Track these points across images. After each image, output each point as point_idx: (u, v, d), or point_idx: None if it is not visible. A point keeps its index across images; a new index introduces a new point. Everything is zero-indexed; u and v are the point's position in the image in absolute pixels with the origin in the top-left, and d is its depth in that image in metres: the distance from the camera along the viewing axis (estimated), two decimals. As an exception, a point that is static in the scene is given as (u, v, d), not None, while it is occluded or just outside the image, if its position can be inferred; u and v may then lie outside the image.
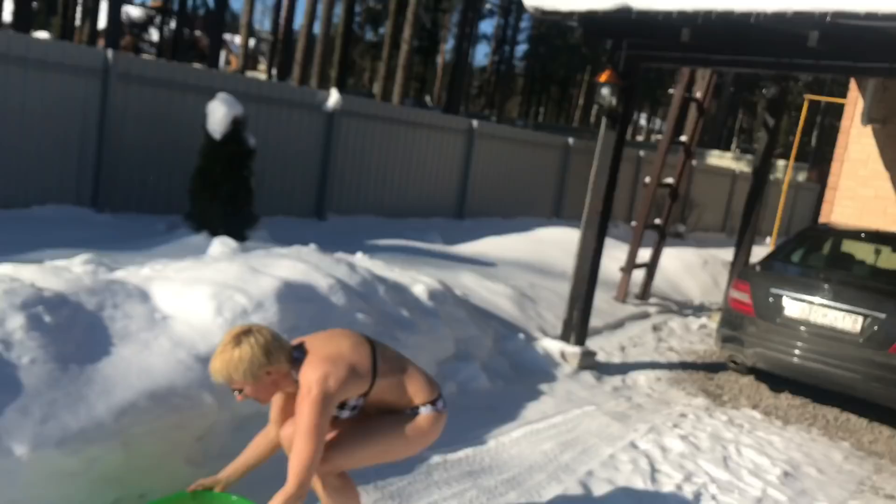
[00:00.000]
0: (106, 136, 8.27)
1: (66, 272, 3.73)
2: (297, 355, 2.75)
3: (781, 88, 8.98)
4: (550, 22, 7.08)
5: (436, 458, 4.05)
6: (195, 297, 3.88)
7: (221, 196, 7.61)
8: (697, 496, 4.16)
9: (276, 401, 2.92)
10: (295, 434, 2.62)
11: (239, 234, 7.65)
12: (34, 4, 29.16)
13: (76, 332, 3.25)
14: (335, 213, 11.10)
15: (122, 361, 3.24)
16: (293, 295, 4.25)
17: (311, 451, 2.57)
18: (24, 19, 26.13)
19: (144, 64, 8.78)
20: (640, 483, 4.19)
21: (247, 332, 2.67)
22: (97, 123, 8.21)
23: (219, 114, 7.56)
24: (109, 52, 8.24)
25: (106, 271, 4.29)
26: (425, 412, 2.93)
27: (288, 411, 2.88)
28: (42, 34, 8.17)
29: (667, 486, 4.20)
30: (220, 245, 6.14)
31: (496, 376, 5.58)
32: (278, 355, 2.67)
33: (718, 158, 29.60)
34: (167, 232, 7.79)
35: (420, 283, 5.87)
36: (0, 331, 3.00)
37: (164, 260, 5.34)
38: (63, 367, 3.03)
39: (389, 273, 5.92)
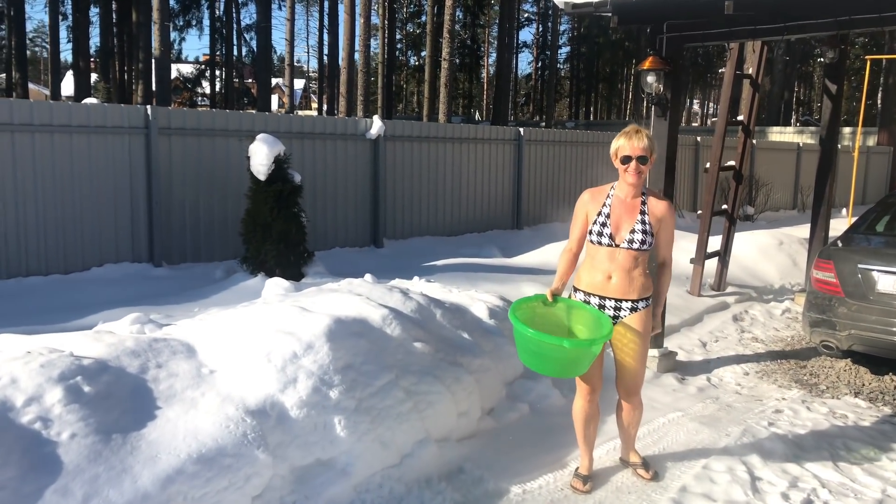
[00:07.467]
0: (155, 190, 8.30)
1: (108, 336, 3.62)
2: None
3: (840, 51, 8.44)
4: (584, 15, 6.77)
5: (515, 490, 3.78)
6: (242, 346, 3.72)
7: (273, 236, 7.53)
8: None
9: (579, 224, 4.11)
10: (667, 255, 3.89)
11: (295, 273, 7.56)
12: (92, 77, 30.29)
13: (118, 400, 3.11)
14: (391, 239, 10.97)
15: (167, 424, 3.08)
16: (345, 331, 4.05)
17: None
18: (84, 91, 27.19)
19: (183, 115, 8.79)
20: (740, 495, 3.80)
21: None
22: (145, 178, 8.26)
23: (261, 154, 7.50)
24: (148, 108, 8.29)
25: (154, 328, 4.19)
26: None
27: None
28: (89, 100, 8.27)
29: (771, 496, 3.81)
30: (274, 286, 6.01)
31: (570, 391, 5.25)
32: None
33: (779, 134, 28.65)
34: (224, 278, 7.75)
35: (479, 301, 5.62)
36: (37, 408, 2.88)
37: (216, 308, 5.24)
38: (105, 439, 2.89)
39: (447, 295, 5.69)
